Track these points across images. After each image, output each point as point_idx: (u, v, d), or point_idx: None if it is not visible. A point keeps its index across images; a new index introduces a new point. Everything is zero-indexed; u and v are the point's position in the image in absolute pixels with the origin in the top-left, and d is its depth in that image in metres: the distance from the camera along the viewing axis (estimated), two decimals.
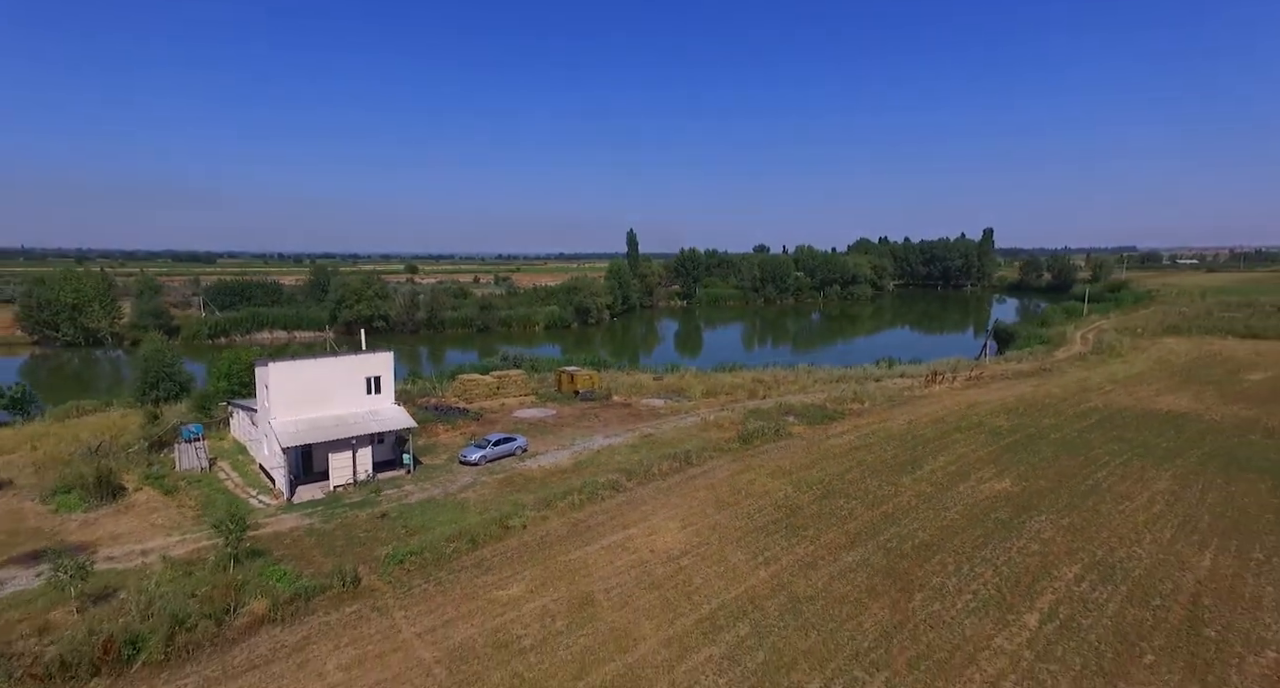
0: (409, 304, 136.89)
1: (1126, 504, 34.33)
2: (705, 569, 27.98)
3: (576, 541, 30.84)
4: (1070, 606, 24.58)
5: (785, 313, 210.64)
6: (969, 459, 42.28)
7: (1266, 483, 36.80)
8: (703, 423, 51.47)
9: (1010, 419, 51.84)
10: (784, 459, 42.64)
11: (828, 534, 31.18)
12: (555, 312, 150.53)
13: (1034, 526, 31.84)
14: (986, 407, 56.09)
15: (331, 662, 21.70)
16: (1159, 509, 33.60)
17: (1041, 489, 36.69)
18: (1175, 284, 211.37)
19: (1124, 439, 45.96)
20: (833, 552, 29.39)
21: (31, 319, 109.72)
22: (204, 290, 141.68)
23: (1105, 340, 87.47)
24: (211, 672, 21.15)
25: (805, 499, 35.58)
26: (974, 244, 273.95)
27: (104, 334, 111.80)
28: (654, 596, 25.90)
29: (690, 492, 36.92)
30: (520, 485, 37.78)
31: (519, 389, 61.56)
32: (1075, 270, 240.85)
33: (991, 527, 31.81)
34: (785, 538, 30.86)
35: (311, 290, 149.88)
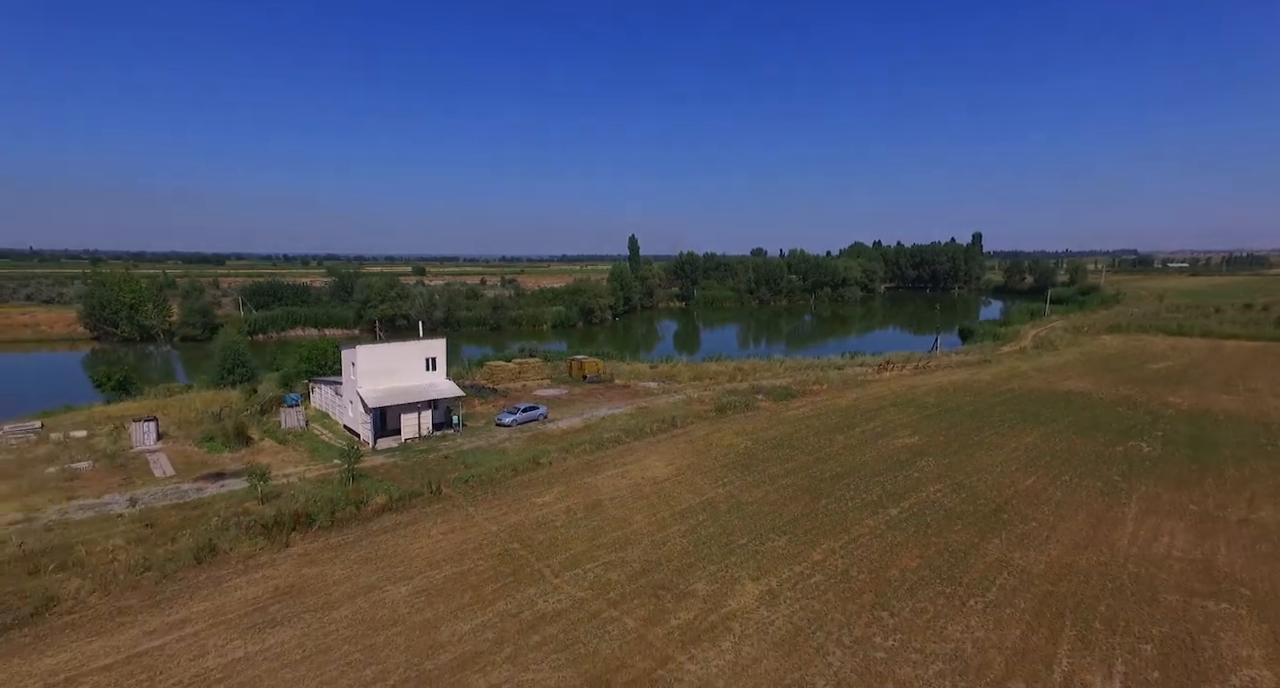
0: (427, 304, 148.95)
1: (996, 452, 46.19)
2: (680, 488, 39.90)
3: (588, 472, 42.80)
4: (922, 505, 36.45)
5: (779, 314, 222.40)
6: (893, 424, 54.16)
7: (1106, 437, 48.70)
8: (687, 399, 63.44)
9: (938, 397, 63.75)
10: (749, 424, 54.59)
11: (770, 470, 43.06)
12: (561, 312, 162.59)
13: (921, 464, 43.71)
14: (923, 389, 67.99)
15: (434, 530, 33.69)
16: (1016, 454, 45.47)
17: (938, 442, 48.57)
18: (1149, 287, 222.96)
19: (1020, 411, 57.84)
20: (772, 479, 41.28)
21: (93, 317, 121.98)
22: (242, 291, 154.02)
23: (1048, 337, 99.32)
24: (359, 534, 33.15)
25: (759, 449, 47.51)
26: (961, 248, 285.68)
27: (156, 331, 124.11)
28: (643, 501, 37.82)
29: (673, 444, 48.90)
30: (544, 439, 49.76)
31: (536, 374, 73.63)
32: (1055, 274, 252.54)
33: (890, 465, 43.68)
34: (739, 472, 42.74)
35: (336, 291, 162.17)
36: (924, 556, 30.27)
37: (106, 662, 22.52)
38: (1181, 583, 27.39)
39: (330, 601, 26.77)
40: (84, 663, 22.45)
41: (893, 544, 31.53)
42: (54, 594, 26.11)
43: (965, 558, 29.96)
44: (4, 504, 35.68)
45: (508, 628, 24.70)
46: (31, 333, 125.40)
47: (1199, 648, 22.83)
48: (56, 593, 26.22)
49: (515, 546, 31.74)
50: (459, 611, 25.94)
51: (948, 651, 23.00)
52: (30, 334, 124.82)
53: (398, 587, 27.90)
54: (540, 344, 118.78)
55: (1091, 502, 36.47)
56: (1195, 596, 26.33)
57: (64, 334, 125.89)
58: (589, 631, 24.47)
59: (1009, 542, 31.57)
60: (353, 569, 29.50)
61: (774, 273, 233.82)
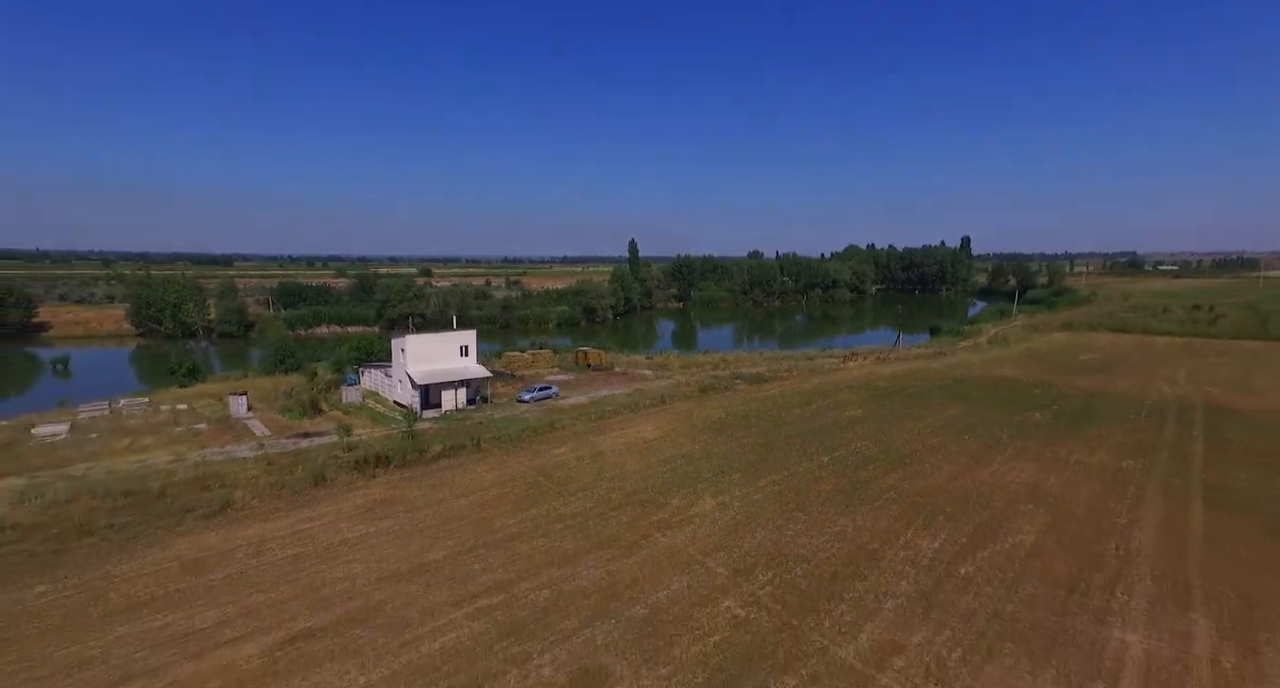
0: (442, 304, 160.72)
1: (920, 421, 57.66)
2: (665, 444, 51.44)
3: (593, 433, 54.36)
4: (848, 454, 47.95)
5: (772, 314, 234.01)
6: (844, 402, 65.70)
7: (1011, 411, 60.19)
8: (676, 383, 75.00)
9: (888, 382, 75.28)
10: (725, 401, 66.17)
11: (737, 433, 54.59)
12: (565, 311, 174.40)
13: (858, 429, 55.20)
14: (878, 376, 79.53)
15: (479, 468, 45.28)
16: (936, 422, 56.96)
17: (876, 415, 60.11)
18: (1125, 289, 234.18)
19: (953, 392, 69.35)
20: (737, 439, 52.79)
21: (139, 315, 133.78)
22: (270, 292, 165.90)
23: (1004, 334, 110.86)
24: (424, 471, 44.71)
25: (731, 419, 59.05)
26: (949, 252, 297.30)
27: (196, 328, 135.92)
28: (635, 453, 49.35)
29: (661, 415, 60.48)
30: (557, 412, 61.30)
31: (547, 363, 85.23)
32: (1035, 276, 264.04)
33: (834, 429, 55.17)
34: (713, 434, 54.25)
35: (356, 292, 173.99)
36: (838, 484, 41.78)
37: (280, 534, 34.17)
38: (1010, 497, 38.91)
39: (414, 506, 38.37)
40: (266, 534, 34.11)
41: (818, 477, 43.06)
42: (229, 499, 37.76)
43: (867, 485, 41.47)
44: (159, 450, 47.36)
45: (540, 521, 36.26)
46: (82, 330, 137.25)
47: (998, 528, 34.36)
48: (230, 499, 37.87)
49: (540, 478, 43.34)
50: (505, 512, 37.52)
51: (836, 531, 34.51)
52: (81, 331, 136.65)
53: (459, 500, 39.49)
54: (548, 340, 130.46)
55: (975, 452, 48.03)
56: (1014, 502, 37.87)
57: (111, 331, 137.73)
58: (595, 522, 36.03)
59: (902, 476, 43.09)
60: (425, 490, 41.11)
61: (767, 275, 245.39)
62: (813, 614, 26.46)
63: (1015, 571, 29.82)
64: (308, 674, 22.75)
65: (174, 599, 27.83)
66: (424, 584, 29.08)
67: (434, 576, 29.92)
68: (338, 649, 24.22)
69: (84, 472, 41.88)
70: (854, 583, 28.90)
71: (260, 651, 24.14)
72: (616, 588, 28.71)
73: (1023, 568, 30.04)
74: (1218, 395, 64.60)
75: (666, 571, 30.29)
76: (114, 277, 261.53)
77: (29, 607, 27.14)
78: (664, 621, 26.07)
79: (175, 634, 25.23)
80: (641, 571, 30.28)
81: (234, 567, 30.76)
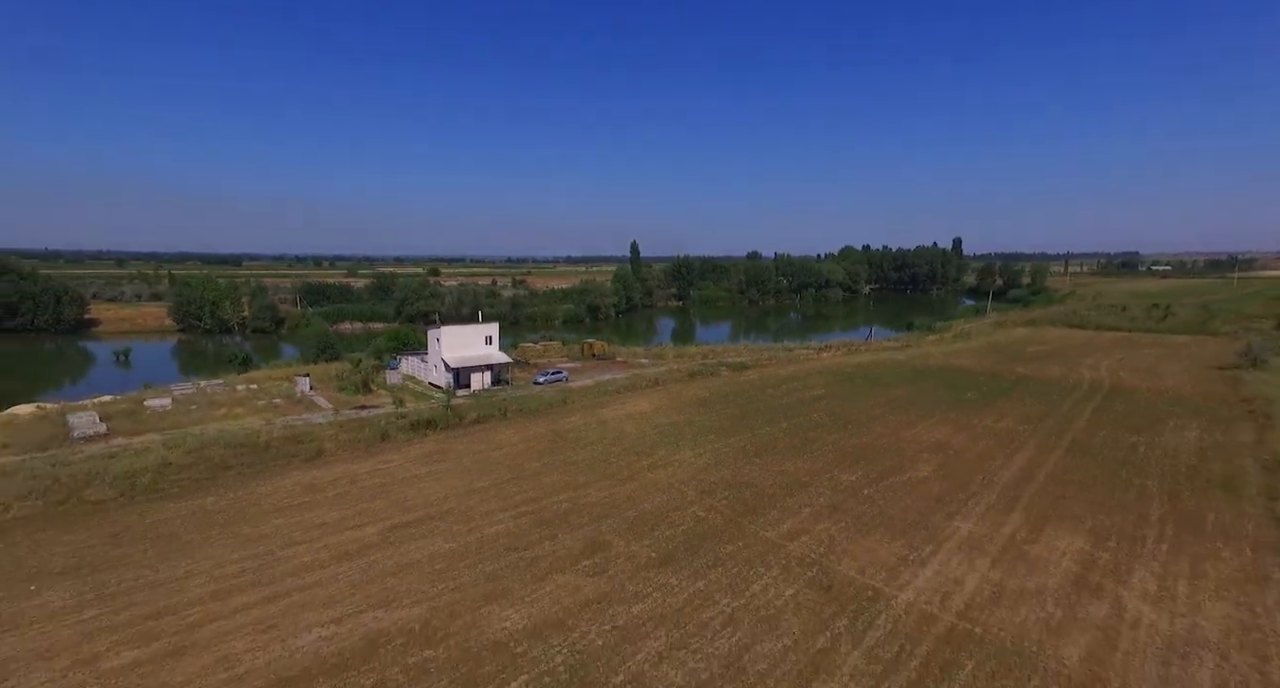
0: (456, 302, 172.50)
1: (871, 398, 69.15)
2: (656, 415, 63.02)
3: (598, 407, 65.98)
4: (805, 422, 59.47)
5: (767, 313, 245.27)
6: (811, 384, 77.23)
7: (951, 391, 71.65)
8: (669, 370, 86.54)
9: (853, 370, 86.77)
10: (710, 384, 77.77)
11: (716, 407, 66.15)
12: (571, 309, 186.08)
13: (819, 404, 66.69)
14: (845, 364, 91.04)
15: (507, 430, 56.96)
16: (884, 399, 68.44)
17: (836, 394, 71.62)
18: (1101, 289, 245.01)
19: (906, 377, 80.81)
20: (716, 412, 64.35)
21: (181, 312, 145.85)
22: (297, 291, 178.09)
23: (970, 330, 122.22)
24: (463, 432, 56.39)
25: (713, 398, 70.62)
26: (939, 252, 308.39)
27: (233, 324, 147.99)
28: (632, 420, 60.95)
29: (655, 394, 72.07)
30: (567, 392, 72.85)
31: (557, 353, 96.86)
32: (1020, 275, 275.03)
33: (796, 405, 66.68)
34: (696, 409, 65.82)
35: (375, 291, 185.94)
36: (790, 442, 53.34)
37: (364, 471, 45.88)
38: (920, 449, 50.42)
39: (460, 455, 50.05)
40: (354, 471, 45.84)
41: (775, 438, 54.63)
42: (320, 449, 49.54)
43: (813, 442, 53.01)
44: (250, 417, 59.19)
45: (557, 464, 47.89)
46: (129, 325, 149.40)
47: (902, 467, 45.89)
48: (321, 449, 49.65)
49: (556, 437, 54.98)
50: (530, 458, 49.17)
51: (780, 470, 46.07)
52: (128, 327, 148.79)
53: (494, 451, 51.16)
54: (555, 334, 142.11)
55: (907, 420, 59.55)
56: (922, 452, 49.41)
57: (155, 328, 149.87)
58: (599, 464, 47.64)
59: (842, 436, 54.64)
60: (467, 445, 52.80)
61: (763, 275, 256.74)
62: (751, 515, 38.06)
63: (903, 491, 41.39)
64: (411, 544, 34.41)
65: (304, 506, 39.55)
66: (477, 499, 40.76)
67: (483, 495, 41.58)
68: (427, 532, 35.90)
69: (200, 431, 53.57)
70: (785, 499, 40.50)
71: (376, 532, 35.83)
72: (615, 502, 40.35)
73: (909, 490, 41.61)
74: (1124, 379, 76.01)
75: (651, 493, 41.92)
76: (138, 276, 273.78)
77: (209, 509, 38.92)
78: (648, 518, 37.70)
79: (313, 524, 36.93)
80: (634, 493, 41.93)
81: (338, 489, 42.49)
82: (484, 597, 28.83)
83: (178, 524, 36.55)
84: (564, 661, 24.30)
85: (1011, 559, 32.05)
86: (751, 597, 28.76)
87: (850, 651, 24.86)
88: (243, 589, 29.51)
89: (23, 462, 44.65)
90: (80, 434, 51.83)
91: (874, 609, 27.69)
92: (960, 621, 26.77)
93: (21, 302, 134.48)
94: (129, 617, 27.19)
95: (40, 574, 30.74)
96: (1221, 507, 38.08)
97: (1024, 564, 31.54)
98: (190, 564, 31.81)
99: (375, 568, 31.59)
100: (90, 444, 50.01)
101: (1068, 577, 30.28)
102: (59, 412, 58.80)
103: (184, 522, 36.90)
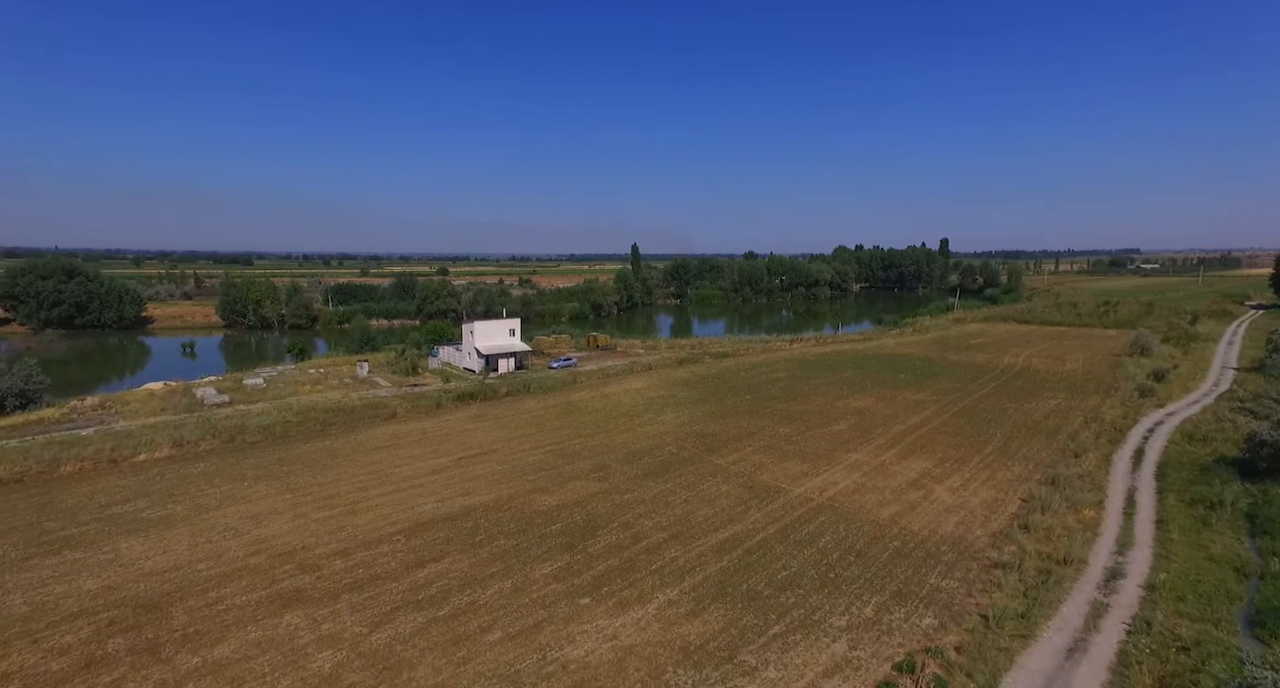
0: (471, 301, 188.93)
1: (823, 379, 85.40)
2: (648, 391, 79.41)
3: (602, 385, 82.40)
4: (764, 396, 75.78)
5: (760, 310, 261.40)
6: (776, 368, 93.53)
7: (889, 372, 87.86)
8: (661, 358, 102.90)
9: (814, 358, 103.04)
10: (694, 369, 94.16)
11: (697, 386, 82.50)
12: (576, 307, 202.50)
13: (778, 383, 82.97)
14: (809, 353, 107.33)
15: (531, 402, 73.47)
16: (832, 379, 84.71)
17: (794, 375, 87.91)
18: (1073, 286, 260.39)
19: (857, 363, 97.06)
20: (696, 390, 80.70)
21: (228, 309, 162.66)
22: (327, 290, 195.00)
23: (928, 324, 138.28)
24: (497, 403, 72.87)
25: (695, 379, 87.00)
26: (925, 252, 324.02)
27: (273, 321, 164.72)
28: (628, 395, 77.36)
29: (648, 376, 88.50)
30: (577, 374, 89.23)
31: (567, 345, 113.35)
32: (999, 275, 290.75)
33: (760, 383, 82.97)
34: (681, 387, 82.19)
35: (396, 290, 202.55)
36: (749, 409, 69.65)
37: (428, 427, 62.42)
38: (845, 412, 66.69)
39: (498, 417, 66.48)
40: (423, 427, 62.38)
41: (738, 406, 70.97)
42: (393, 412, 66.14)
43: (765, 408, 69.30)
44: (331, 392, 75.72)
45: (571, 423, 64.28)
46: (180, 322, 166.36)
47: (827, 424, 62.23)
48: (394, 412, 66.24)
49: (569, 406, 71.40)
50: (551, 419, 65.58)
51: (736, 426, 62.38)
52: (180, 323, 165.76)
53: (522, 415, 67.57)
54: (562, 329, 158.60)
55: (844, 394, 75.83)
56: (846, 415, 65.70)
57: (203, 324, 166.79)
58: (602, 423, 64.06)
59: (790, 405, 70.94)
60: (501, 410, 69.23)
61: (756, 274, 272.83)
62: (709, 452, 54.44)
63: (822, 438, 57.74)
64: (475, 466, 50.83)
65: (394, 447, 56.04)
66: (516, 443, 57.22)
67: (519, 441, 58.05)
68: (484, 460, 52.36)
69: (297, 402, 70.03)
70: (735, 443, 56.88)
71: (449, 461, 52.30)
72: (614, 445, 56.78)
73: (827, 438, 57.96)
74: (1034, 364, 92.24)
75: (640, 440, 58.34)
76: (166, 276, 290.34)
77: (331, 447, 55.45)
78: (636, 454, 54.11)
79: (404, 456, 53.43)
80: (627, 439, 58.37)
81: (414, 437, 59.00)
82: (529, 492, 45.29)
83: (314, 455, 53.17)
84: (581, 519, 40.69)
85: (876, 473, 48.44)
86: (700, 491, 45.17)
87: (755, 513, 41.27)
88: (374, 486, 46.03)
89: (184, 419, 61.23)
90: (210, 402, 68.46)
91: (775, 496, 44.10)
92: (827, 501, 43.17)
93: (90, 301, 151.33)
94: (312, 497, 43.75)
95: (244, 478, 47.35)
96: (1034, 445, 54.48)
97: (882, 476, 47.93)
98: (335, 475, 48.38)
99: (455, 478, 48.10)
100: (220, 410, 66.61)
101: (906, 481, 46.69)
102: (184, 388, 75.46)
103: (317, 454, 53.52)
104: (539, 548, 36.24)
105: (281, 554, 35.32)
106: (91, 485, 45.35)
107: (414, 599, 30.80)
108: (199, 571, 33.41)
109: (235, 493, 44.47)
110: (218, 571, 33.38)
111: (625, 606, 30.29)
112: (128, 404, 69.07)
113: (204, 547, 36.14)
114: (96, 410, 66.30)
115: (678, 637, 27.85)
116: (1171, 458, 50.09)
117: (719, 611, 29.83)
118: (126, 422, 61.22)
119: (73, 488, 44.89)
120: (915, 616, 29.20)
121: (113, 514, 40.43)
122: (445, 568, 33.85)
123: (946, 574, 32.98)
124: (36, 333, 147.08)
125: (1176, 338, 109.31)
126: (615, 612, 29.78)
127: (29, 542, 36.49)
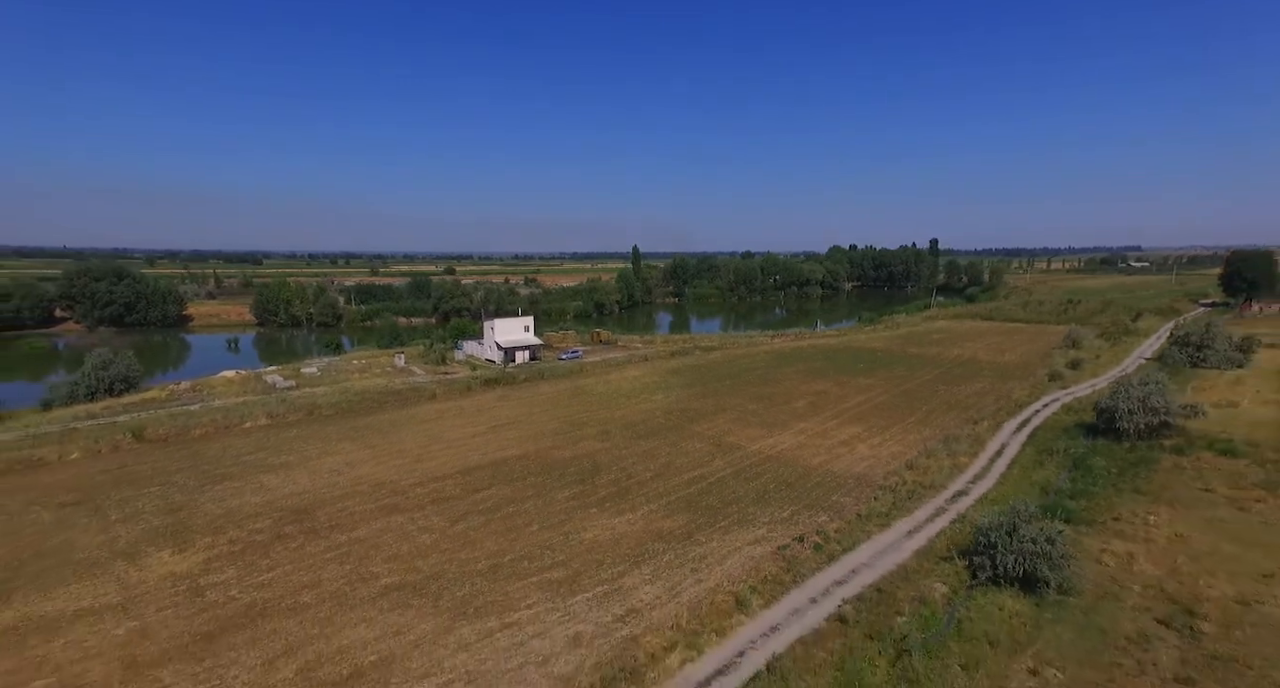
0: (483, 301, 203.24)
1: (793, 367, 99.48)
2: (644, 378, 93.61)
3: (604, 374, 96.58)
4: (742, 381, 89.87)
5: (754, 308, 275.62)
6: (756, 359, 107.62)
7: (850, 363, 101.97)
8: (656, 351, 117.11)
9: (791, 351, 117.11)
10: (684, 360, 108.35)
11: (686, 374, 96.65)
12: (580, 305, 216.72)
13: (754, 371, 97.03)
14: (787, 347, 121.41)
15: (545, 386, 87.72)
16: (802, 368, 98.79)
17: (770, 364, 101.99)
18: (1052, 285, 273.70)
19: (826, 355, 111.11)
20: (684, 376, 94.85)
21: (260, 308, 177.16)
22: (346, 290, 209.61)
23: (899, 321, 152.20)
24: (517, 387, 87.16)
25: (685, 368, 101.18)
26: (914, 252, 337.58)
27: (302, 319, 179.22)
28: (627, 381, 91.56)
29: (645, 366, 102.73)
30: (583, 365, 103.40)
31: (574, 340, 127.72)
32: (982, 274, 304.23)
33: (740, 372, 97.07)
34: (672, 375, 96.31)
35: (412, 290, 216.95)
36: (727, 391, 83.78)
37: (464, 405, 76.74)
38: (807, 393, 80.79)
39: (519, 398, 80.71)
40: (460, 405, 76.72)
41: (719, 388, 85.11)
42: (434, 394, 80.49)
43: (740, 390, 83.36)
44: (376, 379, 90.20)
45: (579, 402, 78.49)
46: (217, 320, 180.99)
47: (789, 402, 76.36)
48: (434, 393, 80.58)
49: (577, 389, 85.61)
50: (561, 400, 79.81)
51: (715, 402, 76.53)
52: (216, 321, 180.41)
53: (539, 396, 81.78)
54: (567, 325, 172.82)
55: (808, 379, 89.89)
56: (805, 396, 79.84)
57: (237, 322, 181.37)
58: (606, 402, 78.27)
59: (761, 388, 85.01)
60: (521, 393, 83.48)
61: (750, 274, 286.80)
62: (690, 422, 68.63)
63: (781, 413, 71.85)
64: (506, 432, 65.07)
65: (439, 420, 70.29)
66: (535, 417, 71.44)
67: (538, 415, 72.27)
68: (512, 428, 66.58)
69: (350, 386, 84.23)
70: (711, 415, 71.05)
71: (485, 429, 66.52)
72: (614, 418, 70.98)
73: (786, 412, 72.05)
74: (979, 356, 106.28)
75: (636, 412, 72.57)
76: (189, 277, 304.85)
77: (389, 420, 69.76)
78: (633, 424, 68.30)
79: (446, 426, 67.67)
80: (625, 414, 72.60)
81: (453, 412, 73.24)
82: (549, 448, 59.52)
83: (379, 425, 67.52)
84: (589, 462, 54.89)
85: (817, 436, 62.61)
86: (680, 448, 59.37)
87: (718, 461, 55.44)
88: (431, 444, 60.31)
89: (265, 399, 75.61)
90: (280, 387, 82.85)
91: (736, 451, 58.27)
92: (775, 454, 57.32)
93: (138, 301, 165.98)
94: (386, 452, 58.03)
95: (330, 439, 61.71)
96: (948, 417, 68.62)
97: (821, 438, 62.10)
98: (399, 437, 62.70)
99: (491, 440, 62.37)
100: (290, 392, 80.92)
101: (838, 441, 60.86)
102: (255, 376, 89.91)
103: (381, 424, 67.86)
104: (559, 482, 50.53)
105: (377, 485, 49.67)
106: (220, 444, 59.84)
107: (476, 509, 45.11)
108: (323, 493, 47.77)
109: (328, 449, 58.86)
110: (337, 492, 47.76)
111: (620, 512, 44.57)
112: (213, 388, 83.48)
113: (321, 479, 50.54)
114: (189, 393, 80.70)
115: (656, 528, 42.09)
116: (1047, 424, 64.24)
117: (684, 516, 44.07)
118: (220, 401, 75.61)
119: (207, 445, 59.39)
120: (815, 515, 43.43)
121: (246, 461, 54.86)
122: (494, 493, 48.17)
123: (845, 495, 47.20)
124: (91, 330, 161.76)
125: (1114, 333, 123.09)
126: (613, 515, 44.05)
127: (198, 477, 50.93)
